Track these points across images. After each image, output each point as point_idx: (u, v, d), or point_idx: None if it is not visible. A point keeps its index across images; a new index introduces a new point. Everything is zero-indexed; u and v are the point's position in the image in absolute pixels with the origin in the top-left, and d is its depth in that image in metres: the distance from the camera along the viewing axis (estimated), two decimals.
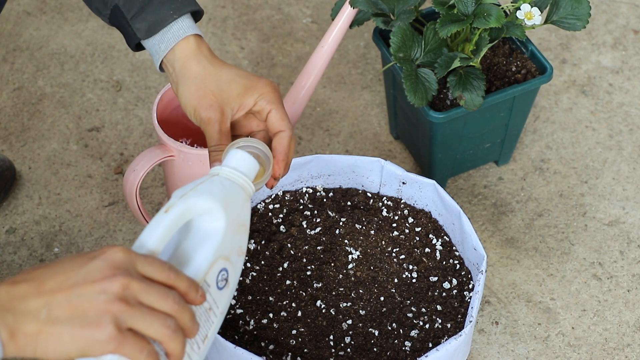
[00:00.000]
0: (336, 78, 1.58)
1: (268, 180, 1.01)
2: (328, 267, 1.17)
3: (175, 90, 1.04)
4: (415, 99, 1.23)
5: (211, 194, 0.88)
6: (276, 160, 1.01)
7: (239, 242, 0.91)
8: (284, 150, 1.01)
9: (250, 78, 1.03)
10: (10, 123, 1.51)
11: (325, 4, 1.67)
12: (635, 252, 1.37)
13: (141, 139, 1.49)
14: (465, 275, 1.17)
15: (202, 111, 1.01)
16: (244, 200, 0.92)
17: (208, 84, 1.02)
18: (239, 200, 0.91)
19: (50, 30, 1.63)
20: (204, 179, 0.90)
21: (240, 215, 0.91)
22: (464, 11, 1.22)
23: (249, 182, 0.93)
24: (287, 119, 1.02)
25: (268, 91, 1.03)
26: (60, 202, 1.42)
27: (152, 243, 0.84)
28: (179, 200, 0.86)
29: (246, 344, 1.11)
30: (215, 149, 0.99)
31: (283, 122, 1.02)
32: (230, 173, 0.92)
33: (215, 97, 1.01)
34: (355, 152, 1.48)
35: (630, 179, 1.45)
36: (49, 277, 0.79)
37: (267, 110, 1.02)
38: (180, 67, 1.03)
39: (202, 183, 0.89)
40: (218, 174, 0.92)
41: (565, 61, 1.60)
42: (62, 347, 0.77)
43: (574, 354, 1.28)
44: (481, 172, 1.46)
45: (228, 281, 0.90)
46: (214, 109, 1.01)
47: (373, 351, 1.11)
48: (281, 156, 1.01)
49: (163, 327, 0.80)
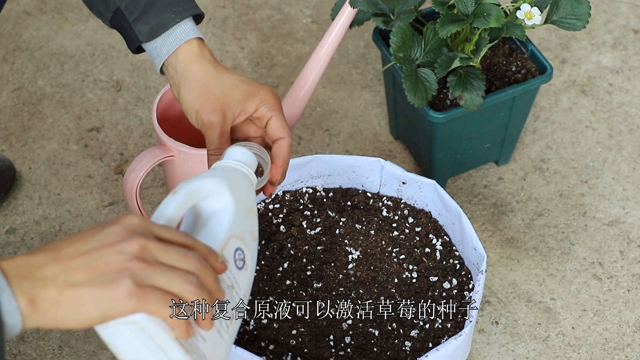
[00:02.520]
0: (336, 78, 1.58)
1: (266, 188, 1.02)
2: (328, 267, 1.17)
3: (177, 93, 1.04)
4: (415, 99, 1.23)
5: (215, 177, 0.89)
6: (274, 166, 1.02)
7: (250, 226, 0.91)
8: (284, 157, 1.02)
9: (252, 84, 1.04)
10: (10, 123, 1.51)
11: (325, 4, 1.67)
12: (635, 252, 1.37)
13: (141, 139, 1.49)
14: (465, 275, 1.17)
15: (205, 115, 1.01)
16: (249, 186, 0.93)
17: (211, 87, 1.02)
18: (244, 186, 0.92)
19: (50, 30, 1.63)
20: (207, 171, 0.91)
21: (248, 200, 0.91)
22: (464, 11, 1.22)
23: (251, 172, 0.93)
24: (287, 126, 1.03)
25: (269, 98, 1.04)
26: (60, 202, 1.42)
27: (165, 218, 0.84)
28: (185, 183, 0.87)
29: (246, 344, 1.11)
30: (215, 153, 1.01)
31: (283, 130, 1.03)
32: (232, 163, 0.93)
33: (218, 101, 1.02)
34: (355, 152, 1.48)
35: (630, 178, 1.45)
36: (66, 245, 0.78)
37: (267, 117, 1.03)
38: (183, 70, 1.04)
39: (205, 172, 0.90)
40: (219, 166, 0.93)
41: (565, 61, 1.60)
42: (83, 309, 0.75)
43: (574, 354, 1.28)
44: (481, 172, 1.46)
45: (245, 262, 0.89)
46: (216, 113, 1.01)
47: (373, 351, 1.11)
48: (280, 162, 1.02)
49: (186, 283, 0.77)
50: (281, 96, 1.54)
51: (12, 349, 1.27)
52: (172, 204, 0.85)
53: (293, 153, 1.47)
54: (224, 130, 1.02)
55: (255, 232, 0.92)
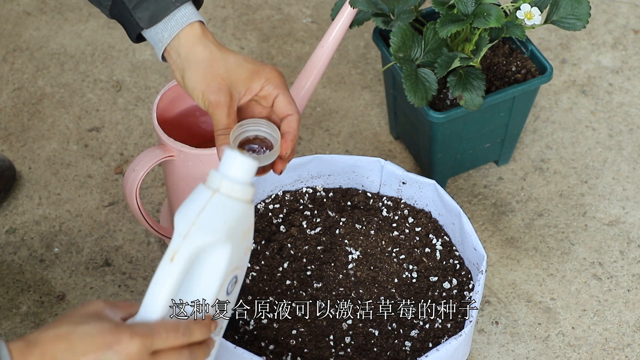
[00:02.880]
0: (336, 78, 1.58)
1: (276, 165, 1.03)
2: (328, 267, 1.17)
3: (181, 77, 1.05)
4: (415, 99, 1.23)
5: (215, 229, 0.86)
6: (284, 140, 1.03)
7: (246, 244, 0.91)
8: (294, 132, 1.03)
9: (256, 63, 1.05)
10: (10, 123, 1.51)
11: (325, 4, 1.67)
12: (635, 252, 1.37)
13: (141, 139, 1.49)
14: (465, 275, 1.17)
15: (211, 95, 1.02)
16: (247, 211, 0.90)
17: (216, 67, 1.03)
18: (244, 217, 0.89)
19: (50, 30, 1.63)
20: (204, 198, 0.87)
21: (245, 227, 0.90)
22: (464, 11, 1.22)
23: (251, 190, 0.90)
24: (294, 103, 1.04)
25: (274, 76, 1.05)
26: (60, 202, 1.42)
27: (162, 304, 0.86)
28: (183, 243, 0.85)
29: (246, 344, 1.11)
30: (223, 133, 1.01)
31: (291, 106, 1.04)
32: (230, 189, 0.88)
33: (224, 80, 1.02)
34: (355, 152, 1.48)
35: (630, 178, 1.45)
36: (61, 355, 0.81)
37: (274, 95, 1.04)
38: (187, 52, 1.04)
39: (203, 210, 0.87)
40: (218, 190, 0.88)
41: (565, 61, 1.60)
42: None
43: (574, 354, 1.28)
44: (481, 172, 1.46)
45: (238, 279, 0.92)
46: (223, 92, 1.02)
47: (373, 351, 1.11)
48: (290, 136, 1.03)
49: None
50: None
51: None
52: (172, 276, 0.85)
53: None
54: (231, 110, 1.02)
55: (251, 245, 0.92)
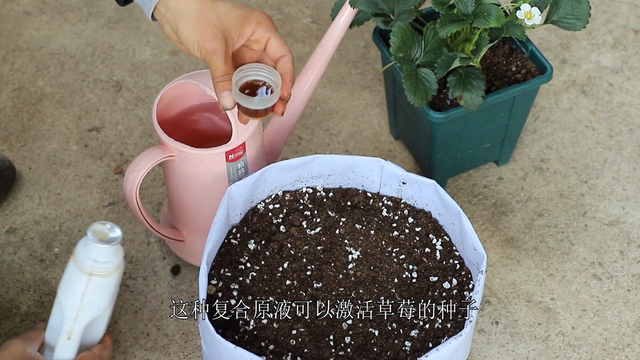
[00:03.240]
0: (336, 78, 1.58)
1: (277, 107, 1.08)
2: (328, 267, 1.17)
3: (174, 30, 1.06)
4: (415, 99, 1.23)
5: (98, 307, 1.10)
6: (284, 82, 1.08)
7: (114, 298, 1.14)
8: (290, 73, 1.08)
9: (245, 9, 1.08)
10: (10, 123, 1.51)
11: (325, 4, 1.67)
12: (635, 252, 1.37)
13: (141, 139, 1.49)
14: (465, 275, 1.17)
15: (207, 43, 1.04)
16: (121, 274, 1.11)
17: (208, 16, 1.05)
18: (118, 281, 1.11)
19: (50, 30, 1.63)
20: (83, 283, 1.08)
21: (117, 289, 1.12)
22: (464, 11, 1.22)
23: (118, 259, 1.09)
24: (285, 44, 1.08)
25: (264, 19, 1.08)
26: (60, 202, 1.42)
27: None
28: (74, 325, 1.10)
29: (246, 344, 1.11)
30: (222, 79, 1.04)
31: (284, 47, 1.08)
32: (103, 270, 1.08)
33: (217, 27, 1.04)
34: (355, 152, 1.48)
35: (630, 178, 1.45)
36: None
37: (265, 38, 1.07)
38: (176, 5, 1.05)
39: (85, 295, 1.09)
40: (92, 273, 1.08)
41: (565, 61, 1.60)
42: None
43: (574, 354, 1.28)
44: (481, 172, 1.46)
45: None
46: (218, 39, 1.04)
47: (373, 351, 1.11)
48: (288, 77, 1.08)
49: None
50: None
51: None
52: (70, 348, 1.12)
53: (293, 153, 1.47)
54: (227, 56, 1.04)
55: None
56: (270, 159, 1.32)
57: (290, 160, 1.21)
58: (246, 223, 1.21)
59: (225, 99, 1.05)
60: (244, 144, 1.20)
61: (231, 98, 1.06)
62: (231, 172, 1.22)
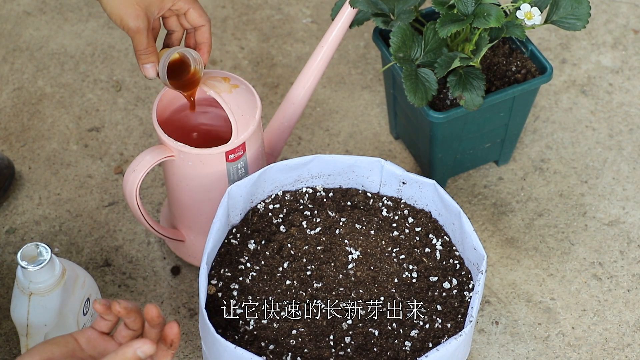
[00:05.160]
0: (336, 78, 1.58)
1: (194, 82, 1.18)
2: (328, 267, 1.17)
3: (100, 3, 1.12)
4: (415, 99, 1.23)
5: (45, 323, 1.16)
6: (202, 52, 1.18)
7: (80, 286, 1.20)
8: (208, 42, 1.18)
9: None
10: (10, 123, 1.51)
11: (325, 4, 1.67)
12: (635, 252, 1.37)
13: (141, 139, 1.49)
14: (465, 275, 1.17)
15: (130, 21, 1.10)
16: (60, 292, 1.15)
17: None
18: (62, 295, 1.15)
19: (50, 30, 1.63)
20: (25, 303, 1.14)
21: (70, 291, 1.17)
22: (464, 11, 1.22)
23: (57, 277, 1.14)
24: (205, 14, 1.16)
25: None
26: (60, 202, 1.42)
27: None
28: (28, 341, 1.16)
29: (246, 344, 1.11)
30: (144, 52, 1.13)
31: (202, 17, 1.16)
32: (41, 290, 1.14)
33: (139, 5, 1.11)
34: (355, 152, 1.48)
35: (630, 178, 1.45)
36: None
37: (185, 9, 1.15)
38: None
39: (29, 313, 1.15)
40: (32, 293, 1.14)
41: (565, 61, 1.60)
42: None
43: (574, 354, 1.28)
44: (481, 172, 1.46)
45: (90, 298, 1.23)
46: (141, 18, 1.11)
47: (373, 351, 1.11)
48: (206, 47, 1.18)
49: None
50: (281, 96, 1.55)
51: None
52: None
53: (293, 153, 1.47)
54: (149, 32, 1.13)
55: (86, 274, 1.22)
56: (270, 159, 1.32)
57: (290, 160, 1.21)
58: (246, 223, 1.21)
59: (147, 70, 1.15)
60: (244, 144, 1.20)
61: (154, 69, 1.15)
62: (231, 172, 1.22)
